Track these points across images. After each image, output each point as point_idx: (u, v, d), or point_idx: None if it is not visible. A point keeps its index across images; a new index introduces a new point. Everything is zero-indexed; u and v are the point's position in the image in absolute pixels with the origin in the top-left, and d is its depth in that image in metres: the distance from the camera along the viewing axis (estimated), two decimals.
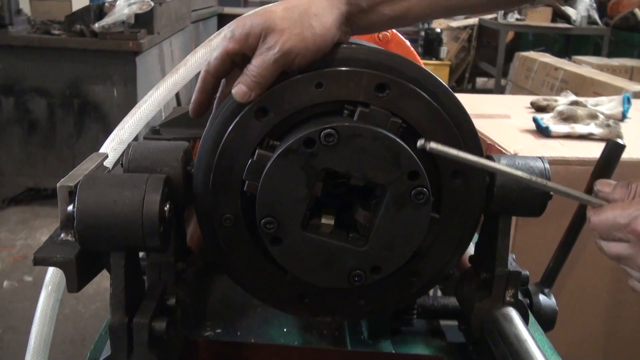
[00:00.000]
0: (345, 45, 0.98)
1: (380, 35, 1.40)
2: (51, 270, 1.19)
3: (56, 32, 4.61)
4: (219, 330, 1.23)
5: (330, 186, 0.97)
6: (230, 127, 0.95)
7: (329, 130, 0.90)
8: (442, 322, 1.29)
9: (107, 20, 4.48)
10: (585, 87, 4.62)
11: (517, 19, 8.58)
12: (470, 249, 1.18)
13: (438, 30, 8.75)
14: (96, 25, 4.49)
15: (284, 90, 0.94)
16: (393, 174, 0.92)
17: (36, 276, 3.87)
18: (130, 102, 4.46)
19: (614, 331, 2.58)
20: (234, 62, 0.97)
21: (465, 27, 9.24)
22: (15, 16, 4.75)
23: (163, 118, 1.63)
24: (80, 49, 4.55)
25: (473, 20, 9.11)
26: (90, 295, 3.71)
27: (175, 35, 5.67)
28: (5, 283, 3.88)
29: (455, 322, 1.24)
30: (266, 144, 0.95)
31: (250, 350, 1.13)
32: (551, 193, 1.03)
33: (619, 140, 1.16)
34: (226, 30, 1.00)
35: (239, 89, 0.92)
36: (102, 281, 0.86)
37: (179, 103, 4.88)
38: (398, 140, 0.91)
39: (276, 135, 0.96)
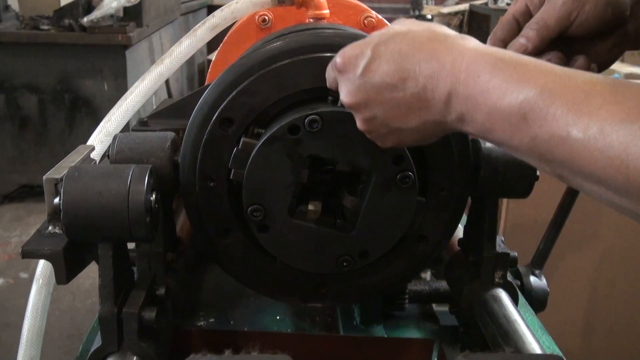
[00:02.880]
0: (330, 31, 0.98)
1: (365, 20, 1.40)
2: (41, 263, 1.19)
3: (45, 27, 4.59)
4: (212, 320, 1.23)
5: (316, 173, 0.97)
6: (215, 115, 0.95)
7: (313, 116, 0.90)
8: (436, 308, 1.30)
9: (95, 14, 4.46)
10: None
11: (507, 4, 8.57)
12: (459, 232, 1.18)
13: (429, 17, 8.73)
14: (85, 19, 4.47)
15: (267, 78, 0.94)
16: (378, 159, 0.92)
17: (32, 273, 3.84)
18: (121, 95, 4.40)
19: (607, 310, 2.60)
20: (519, 25, 0.98)
21: (456, 13, 9.22)
22: (3, 12, 4.72)
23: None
24: (70, 44, 4.53)
25: (464, 6, 9.10)
26: (86, 290, 3.71)
27: (164, 28, 5.64)
28: (1, 280, 3.88)
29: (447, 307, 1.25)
30: (251, 131, 0.95)
31: (243, 338, 1.14)
32: (538, 174, 1.03)
33: None
34: None
35: (518, 43, 0.93)
36: (98, 278, 0.86)
37: (169, 95, 4.87)
38: None
39: (261, 122, 0.96)
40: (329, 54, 0.94)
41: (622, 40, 0.97)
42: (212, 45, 1.36)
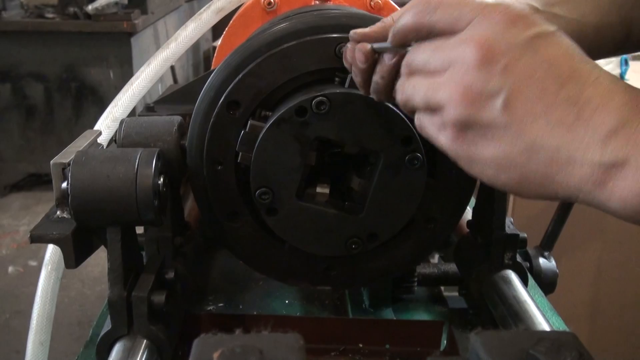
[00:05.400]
0: (337, 12, 0.97)
1: (372, 2, 1.39)
2: (50, 249, 1.19)
3: (50, 15, 4.58)
4: (221, 304, 1.24)
5: (324, 155, 0.97)
6: (222, 98, 0.95)
7: (320, 98, 0.90)
8: (446, 294, 1.30)
9: (100, 2, 4.45)
10: None
11: None
12: (468, 215, 1.18)
13: None
14: (89, 7, 4.47)
15: (274, 60, 0.94)
16: (386, 140, 0.92)
17: (41, 261, 3.86)
18: (126, 83, 4.44)
19: (615, 293, 2.59)
20: None
21: None
22: (7, 1, 4.72)
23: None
24: (75, 32, 4.53)
25: None
26: (95, 277, 3.73)
27: (169, 15, 5.63)
28: (10, 268, 3.90)
29: (456, 292, 1.24)
30: (258, 114, 0.95)
31: (252, 322, 1.13)
32: None
33: None
34: None
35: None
36: (107, 264, 0.86)
37: (175, 80, 4.86)
38: (390, 105, 0.91)
39: (268, 105, 0.95)
40: (335, 35, 0.93)
41: None
42: (217, 31, 1.35)
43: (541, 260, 1.33)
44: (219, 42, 1.47)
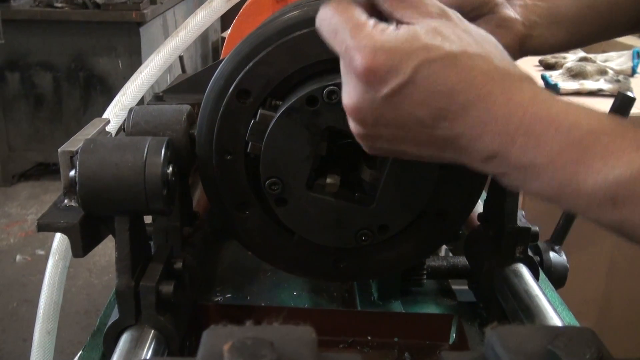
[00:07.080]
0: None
1: None
2: (57, 238, 1.19)
3: (59, 4, 4.58)
4: (228, 295, 1.23)
5: (335, 145, 0.95)
6: (232, 87, 0.94)
7: (331, 87, 0.88)
8: (455, 287, 1.28)
9: None
10: (594, 45, 4.56)
11: None
12: (479, 207, 1.17)
13: None
14: None
15: (285, 49, 0.92)
16: None
17: (48, 250, 3.88)
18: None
19: (625, 288, 2.58)
20: None
21: None
22: None
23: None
24: (84, 21, 4.53)
25: None
26: (102, 267, 3.74)
27: (178, 5, 5.62)
28: (18, 257, 3.91)
29: (465, 286, 1.23)
30: (268, 103, 0.94)
31: (260, 313, 1.13)
32: None
33: (629, 93, 1.14)
34: None
35: None
36: (114, 253, 0.86)
37: (183, 70, 4.86)
38: None
39: (278, 94, 0.94)
40: None
41: (498, 25, 0.90)
42: (226, 22, 1.34)
43: (552, 255, 1.32)
44: (228, 33, 1.46)
